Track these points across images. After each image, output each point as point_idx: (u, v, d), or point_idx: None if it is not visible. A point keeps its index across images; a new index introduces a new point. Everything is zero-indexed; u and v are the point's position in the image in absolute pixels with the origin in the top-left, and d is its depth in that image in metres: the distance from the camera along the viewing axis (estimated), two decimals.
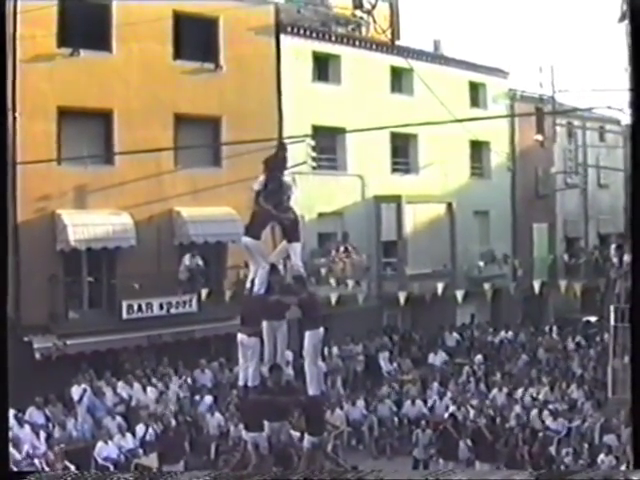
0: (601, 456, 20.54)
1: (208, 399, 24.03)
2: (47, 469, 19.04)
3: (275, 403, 13.50)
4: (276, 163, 13.96)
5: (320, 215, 31.50)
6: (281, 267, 14.07)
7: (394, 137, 34.36)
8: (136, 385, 23.88)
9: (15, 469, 17.23)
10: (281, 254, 14.34)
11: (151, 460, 20.49)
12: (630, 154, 7.45)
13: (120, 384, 23.83)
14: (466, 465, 21.99)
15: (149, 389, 23.90)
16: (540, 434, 22.03)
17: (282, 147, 14.42)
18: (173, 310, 26.44)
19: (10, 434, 18.28)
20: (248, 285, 14.04)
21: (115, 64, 26.40)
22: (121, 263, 26.24)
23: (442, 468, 21.65)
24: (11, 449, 17.55)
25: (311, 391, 13.53)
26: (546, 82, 38.51)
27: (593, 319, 36.30)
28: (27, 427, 20.49)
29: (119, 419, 22.20)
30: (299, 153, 28.82)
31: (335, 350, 28.98)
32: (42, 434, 20.64)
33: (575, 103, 39.42)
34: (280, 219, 13.95)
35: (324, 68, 33.13)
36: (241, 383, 13.93)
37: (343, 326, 28.96)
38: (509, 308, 37.79)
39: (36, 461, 19.28)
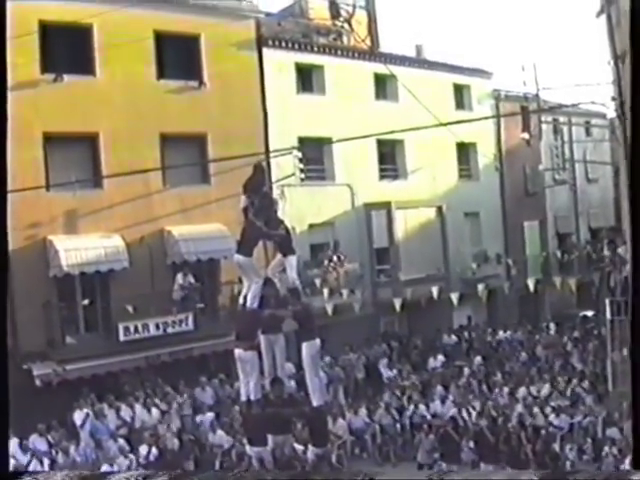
0: (605, 449, 20.61)
1: (210, 416, 24.04)
2: None
3: (278, 416, 13.49)
4: (254, 185, 13.90)
5: (311, 226, 31.53)
6: (276, 280, 14.05)
7: (380, 144, 34.42)
8: (137, 406, 23.86)
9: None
10: (277, 267, 14.33)
11: None
12: (630, 151, 7.48)
13: (122, 406, 23.81)
14: (471, 467, 22.04)
15: (151, 410, 23.86)
16: (543, 431, 22.06)
17: (258, 169, 14.22)
18: (170, 329, 26.37)
19: (14, 462, 18.26)
20: (241, 300, 14.03)
21: (99, 87, 26.39)
22: (115, 285, 26.19)
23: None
24: None
25: (315, 402, 13.48)
26: (529, 80, 38.58)
27: (590, 313, 36.36)
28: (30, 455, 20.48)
29: (122, 441, 22.17)
30: (287, 165, 28.90)
31: (335, 360, 28.95)
32: (46, 461, 20.59)
33: (559, 99, 39.43)
34: (271, 236, 13.92)
35: (308, 79, 33.20)
36: (243, 398, 13.87)
37: (341, 335, 28.97)
38: (505, 307, 37.84)
39: None
